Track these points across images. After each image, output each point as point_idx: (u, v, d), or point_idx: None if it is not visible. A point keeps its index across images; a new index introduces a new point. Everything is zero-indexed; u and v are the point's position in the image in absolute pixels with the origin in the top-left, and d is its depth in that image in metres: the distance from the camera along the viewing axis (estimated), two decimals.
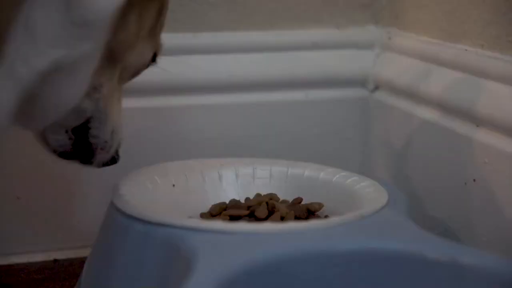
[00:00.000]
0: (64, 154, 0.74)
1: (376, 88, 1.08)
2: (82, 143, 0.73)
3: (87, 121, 0.72)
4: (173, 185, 0.84)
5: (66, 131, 0.72)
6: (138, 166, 0.87)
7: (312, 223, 0.71)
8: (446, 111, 0.92)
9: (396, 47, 1.05)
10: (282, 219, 0.81)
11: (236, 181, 0.88)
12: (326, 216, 0.82)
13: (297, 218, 0.81)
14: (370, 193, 0.80)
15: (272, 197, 0.85)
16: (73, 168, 0.92)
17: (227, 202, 0.84)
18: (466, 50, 0.91)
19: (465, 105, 0.88)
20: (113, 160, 0.76)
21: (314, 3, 1.07)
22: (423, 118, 0.95)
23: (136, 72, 0.74)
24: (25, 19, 0.59)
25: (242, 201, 0.86)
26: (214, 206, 0.84)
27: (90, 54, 0.62)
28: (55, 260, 0.99)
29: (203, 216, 0.83)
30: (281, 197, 0.86)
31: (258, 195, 0.86)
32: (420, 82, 0.97)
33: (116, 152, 0.76)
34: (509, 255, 0.81)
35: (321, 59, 1.07)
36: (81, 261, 0.83)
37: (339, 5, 1.08)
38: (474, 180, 0.86)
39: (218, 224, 0.70)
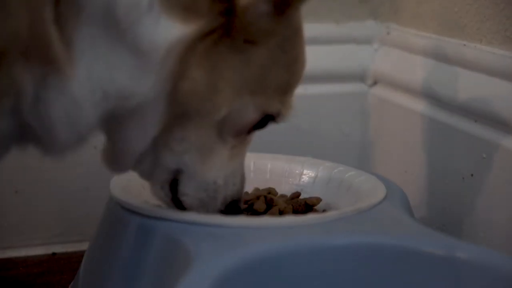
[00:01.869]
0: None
1: (375, 83, 1.08)
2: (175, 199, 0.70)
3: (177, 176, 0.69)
4: None
5: (162, 187, 0.70)
6: None
7: (310, 217, 0.71)
8: (444, 106, 0.92)
9: (395, 42, 1.05)
10: (281, 213, 0.81)
11: None
12: (324, 211, 0.82)
13: (296, 212, 0.81)
14: (368, 188, 0.80)
15: (270, 191, 0.85)
16: (72, 162, 0.92)
17: None
18: (464, 45, 0.91)
19: (463, 100, 0.88)
20: (235, 208, 0.72)
21: None
22: (421, 113, 0.95)
23: (242, 130, 0.68)
24: (88, 37, 0.57)
25: None
26: None
27: (152, 95, 0.60)
28: (54, 254, 0.99)
29: None
30: (280, 191, 0.86)
31: (256, 189, 0.86)
32: (418, 77, 0.98)
33: (234, 201, 0.72)
34: (506, 249, 0.81)
35: (320, 54, 1.07)
36: (80, 255, 0.83)
37: (338, 0, 1.08)
38: (472, 174, 0.86)
39: (217, 218, 0.70)
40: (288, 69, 0.67)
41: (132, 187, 0.78)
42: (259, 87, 0.65)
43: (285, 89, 0.68)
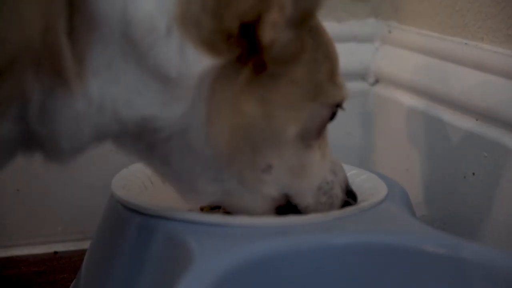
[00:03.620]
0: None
1: (376, 81, 1.08)
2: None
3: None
4: None
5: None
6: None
7: (312, 216, 0.71)
8: (445, 104, 0.92)
9: (396, 41, 1.05)
10: None
11: None
12: None
13: None
14: (369, 187, 0.80)
15: None
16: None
17: None
18: (466, 43, 0.91)
19: (465, 98, 0.88)
20: (353, 194, 0.74)
21: None
22: (422, 112, 0.95)
23: (321, 130, 0.70)
24: (104, 56, 0.57)
25: None
26: None
27: (188, 121, 0.61)
28: (56, 252, 0.99)
29: (203, 209, 0.83)
30: None
31: None
32: (420, 76, 0.98)
33: (348, 192, 0.74)
34: (508, 248, 0.81)
35: None
36: (81, 253, 0.83)
37: None
38: (473, 173, 0.86)
39: (218, 218, 0.70)
40: (326, 58, 0.68)
41: (134, 186, 0.78)
42: (314, 91, 0.66)
43: (332, 74, 0.69)
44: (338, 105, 0.70)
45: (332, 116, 0.70)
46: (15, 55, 0.53)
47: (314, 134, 0.69)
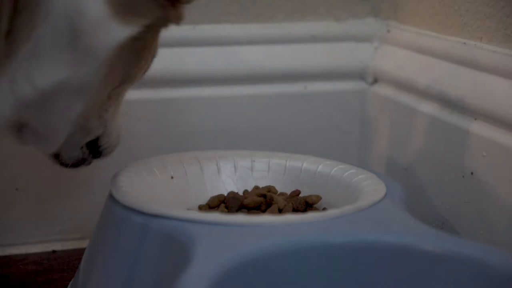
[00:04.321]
0: (73, 165, 0.79)
1: (375, 81, 1.08)
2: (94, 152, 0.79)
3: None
4: (172, 177, 0.84)
5: (81, 147, 0.77)
6: (137, 158, 0.87)
7: (310, 215, 0.71)
8: (444, 104, 0.92)
9: (395, 40, 1.05)
10: (280, 211, 0.81)
11: (235, 174, 0.88)
12: (324, 209, 0.82)
13: (295, 210, 0.81)
14: (368, 186, 0.80)
15: (270, 189, 0.85)
16: None
17: (226, 194, 0.85)
18: (464, 43, 0.91)
19: (463, 98, 0.88)
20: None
21: None
22: (421, 111, 0.95)
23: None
24: (34, 37, 0.63)
25: (241, 193, 0.86)
26: (213, 198, 0.84)
27: (92, 79, 0.66)
28: (54, 251, 0.99)
29: (202, 208, 0.83)
30: (279, 189, 0.86)
31: (256, 187, 0.86)
32: (418, 75, 0.98)
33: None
34: (506, 248, 0.81)
35: (320, 52, 1.07)
36: (79, 253, 0.83)
37: None
38: (472, 173, 0.86)
39: (216, 216, 0.70)
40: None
41: (132, 185, 0.78)
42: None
43: None
44: None
45: None
46: None
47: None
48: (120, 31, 0.65)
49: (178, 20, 0.72)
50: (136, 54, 0.71)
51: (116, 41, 0.65)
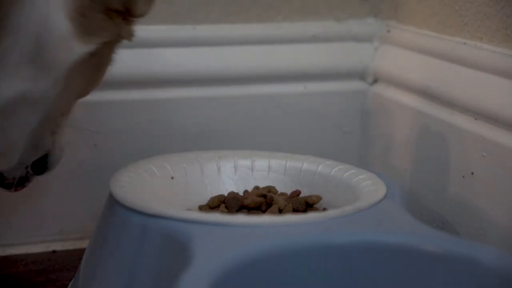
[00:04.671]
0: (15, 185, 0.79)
1: (375, 81, 1.08)
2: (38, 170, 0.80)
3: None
4: (172, 178, 0.85)
5: (26, 167, 0.78)
6: (137, 158, 0.87)
7: (310, 215, 0.71)
8: (444, 104, 0.92)
9: (395, 40, 1.05)
10: (280, 211, 0.81)
11: (235, 174, 0.88)
12: (324, 209, 0.82)
13: (295, 210, 0.81)
14: (368, 186, 0.80)
15: (270, 189, 0.85)
16: (71, 159, 0.92)
17: (226, 194, 0.85)
18: (464, 43, 0.91)
19: (464, 98, 0.88)
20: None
21: None
22: (421, 111, 0.95)
23: None
24: (2, 48, 0.65)
25: (241, 193, 0.86)
26: (213, 198, 0.84)
27: (49, 94, 0.68)
28: (54, 251, 0.99)
29: (202, 208, 0.83)
30: (280, 190, 0.86)
31: (256, 187, 0.86)
32: (418, 75, 0.98)
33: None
34: (506, 248, 0.81)
35: (320, 52, 1.07)
36: (80, 253, 0.83)
37: None
38: (472, 173, 0.86)
39: (216, 217, 0.70)
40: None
41: (132, 185, 0.78)
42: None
43: None
44: None
45: None
46: None
47: None
48: (79, 48, 0.67)
49: (129, 36, 0.73)
50: (93, 69, 0.73)
51: (75, 58, 0.67)
